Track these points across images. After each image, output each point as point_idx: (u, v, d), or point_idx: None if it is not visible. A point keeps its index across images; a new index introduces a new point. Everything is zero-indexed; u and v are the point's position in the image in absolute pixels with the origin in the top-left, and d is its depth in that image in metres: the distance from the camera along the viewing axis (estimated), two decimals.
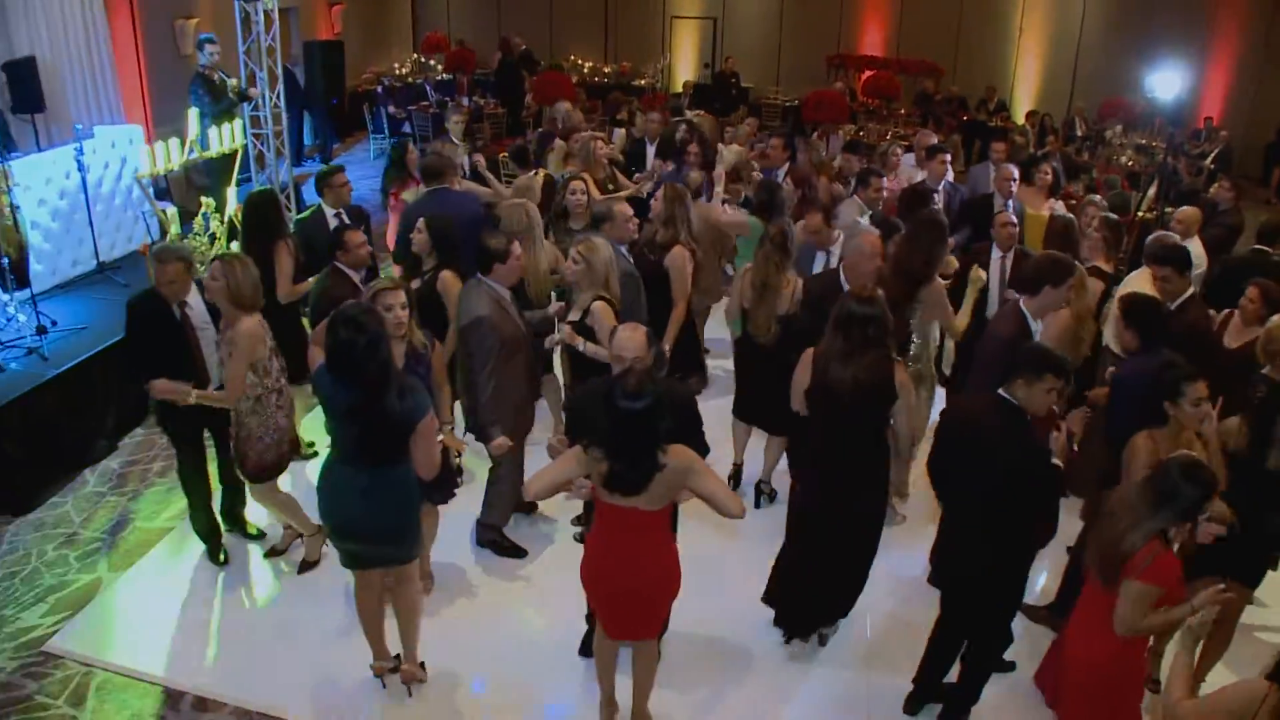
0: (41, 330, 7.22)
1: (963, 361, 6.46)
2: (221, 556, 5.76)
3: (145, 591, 5.57)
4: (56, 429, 6.71)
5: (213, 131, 7.94)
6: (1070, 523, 5.20)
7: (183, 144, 7.60)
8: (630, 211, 6.28)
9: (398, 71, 18.98)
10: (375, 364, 4.06)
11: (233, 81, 9.40)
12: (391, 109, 15.70)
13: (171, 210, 7.73)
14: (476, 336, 5.18)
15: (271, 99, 9.74)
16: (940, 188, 8.05)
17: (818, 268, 6.54)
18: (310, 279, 6.24)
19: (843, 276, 5.48)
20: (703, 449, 4.18)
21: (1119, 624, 3.57)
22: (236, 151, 8.27)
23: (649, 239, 6.58)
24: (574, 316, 5.39)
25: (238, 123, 8.26)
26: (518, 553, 5.86)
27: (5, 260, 7.18)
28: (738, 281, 6.16)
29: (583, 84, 18.16)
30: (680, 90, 18.33)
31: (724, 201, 7.61)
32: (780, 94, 17.26)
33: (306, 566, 5.68)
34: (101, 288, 8.35)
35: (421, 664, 4.87)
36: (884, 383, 4.48)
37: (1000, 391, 4.16)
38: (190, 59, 12.52)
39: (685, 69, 19.01)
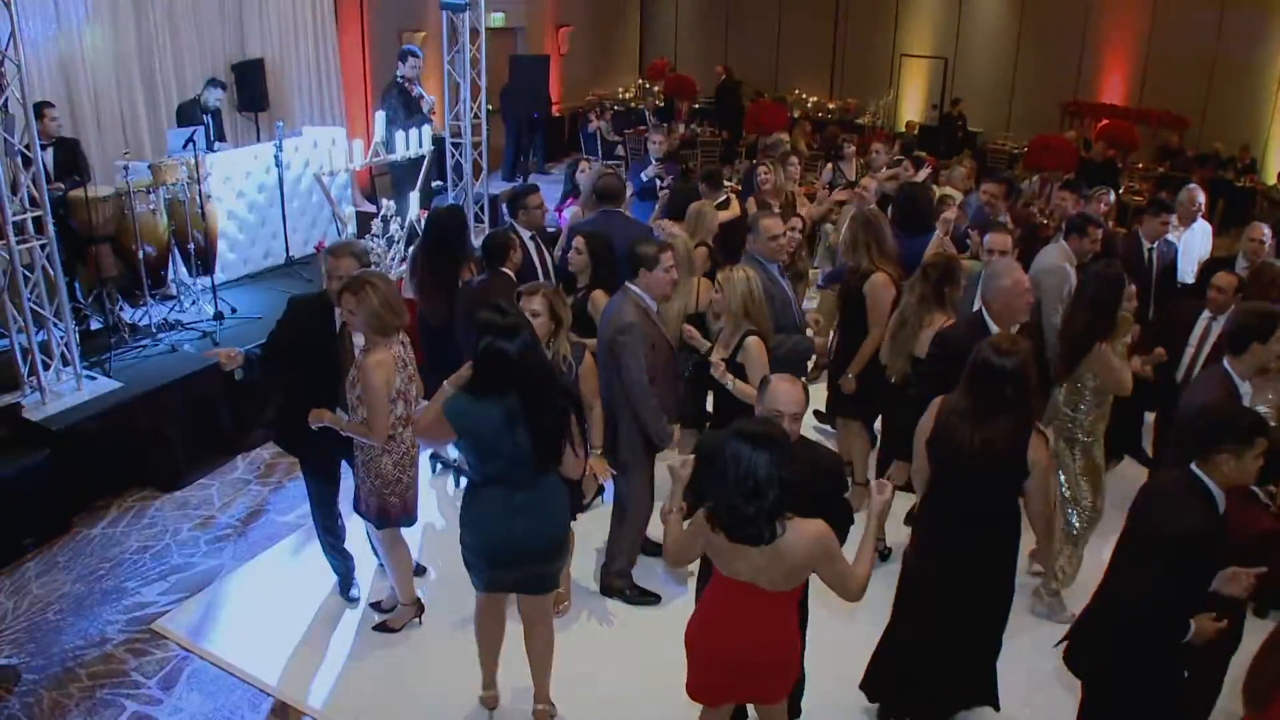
0: (219, 316, 7.48)
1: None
2: (354, 592, 5.42)
3: (259, 585, 5.56)
4: (217, 413, 6.88)
5: (399, 136, 8.02)
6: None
7: (365, 146, 7.70)
8: (779, 229, 5.84)
9: (621, 95, 19.17)
10: (536, 360, 3.91)
11: (430, 99, 9.57)
12: (591, 128, 15.79)
13: (350, 210, 7.85)
14: (630, 343, 4.88)
15: (472, 110, 9.85)
16: (1155, 246, 7.22)
17: None
18: None
19: (989, 320, 4.81)
20: (846, 518, 3.80)
21: None
22: (423, 158, 8.34)
23: (855, 265, 6.05)
24: (722, 354, 4.99)
25: (426, 129, 8.32)
26: (648, 599, 5.45)
27: (191, 246, 7.46)
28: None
29: (806, 118, 17.82)
30: (904, 129, 17.68)
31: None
32: (1009, 140, 16.34)
33: (384, 629, 5.15)
34: (286, 281, 8.59)
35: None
36: (1016, 453, 3.85)
37: (1192, 467, 3.51)
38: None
39: (912, 109, 18.31)
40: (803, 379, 3.96)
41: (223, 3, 10.80)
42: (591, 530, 5.43)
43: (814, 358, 6.93)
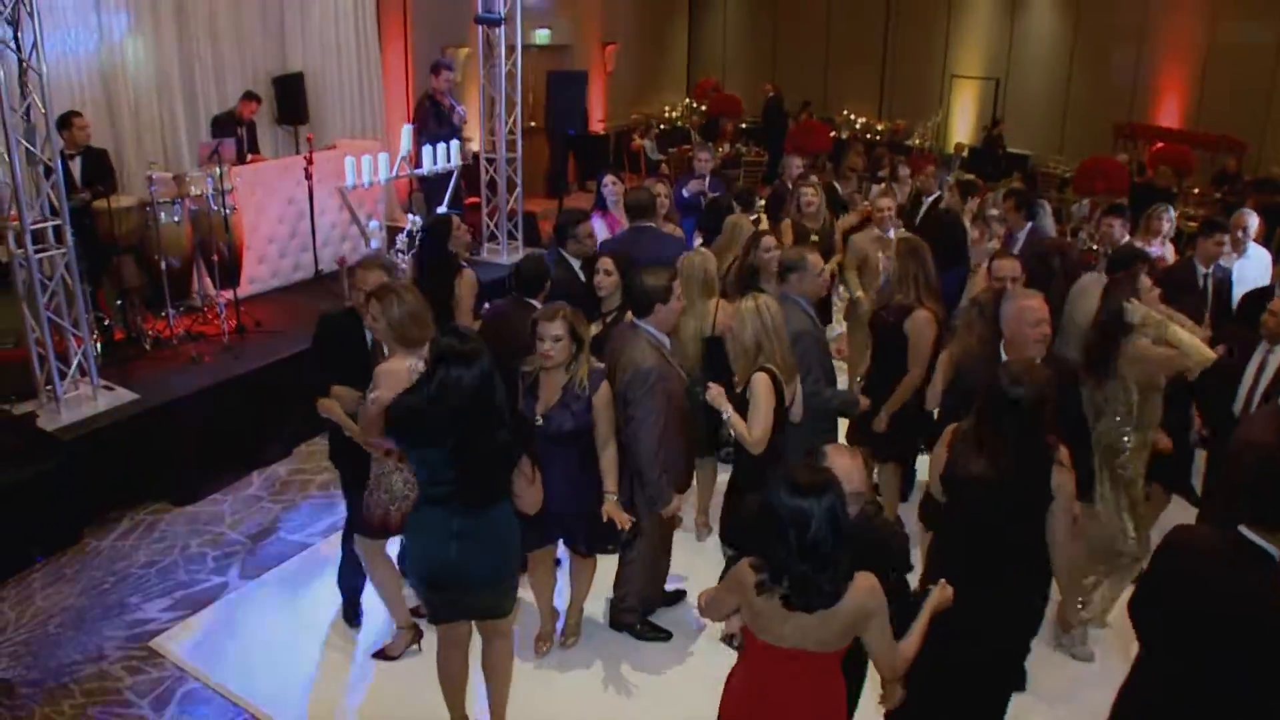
0: (241, 329, 7.42)
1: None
2: (359, 619, 5.29)
3: (262, 607, 5.45)
4: (233, 427, 6.81)
5: (426, 150, 7.95)
6: None
7: (390, 160, 7.63)
8: (822, 264, 5.55)
9: (666, 114, 19.07)
10: (479, 396, 3.67)
11: (461, 109, 9.50)
12: (635, 146, 15.72)
13: (374, 225, 7.78)
14: (644, 391, 4.54)
15: (507, 126, 9.78)
16: (1210, 271, 6.91)
17: None
18: None
19: (1002, 351, 4.55)
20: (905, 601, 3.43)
21: None
22: (451, 172, 8.26)
23: (886, 300, 5.82)
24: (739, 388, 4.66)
25: (454, 144, 8.24)
26: (659, 635, 5.21)
27: (215, 258, 7.42)
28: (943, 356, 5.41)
29: (857, 139, 17.63)
30: (952, 151, 17.37)
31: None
32: (1060, 163, 15.97)
33: (383, 655, 5.01)
34: (314, 295, 8.52)
35: None
36: (1028, 484, 3.58)
37: (1242, 529, 3.00)
38: (459, 86, 12.96)
39: (962, 130, 18.00)
40: None
41: (265, 16, 10.84)
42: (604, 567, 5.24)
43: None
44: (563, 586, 5.22)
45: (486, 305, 6.08)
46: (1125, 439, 4.92)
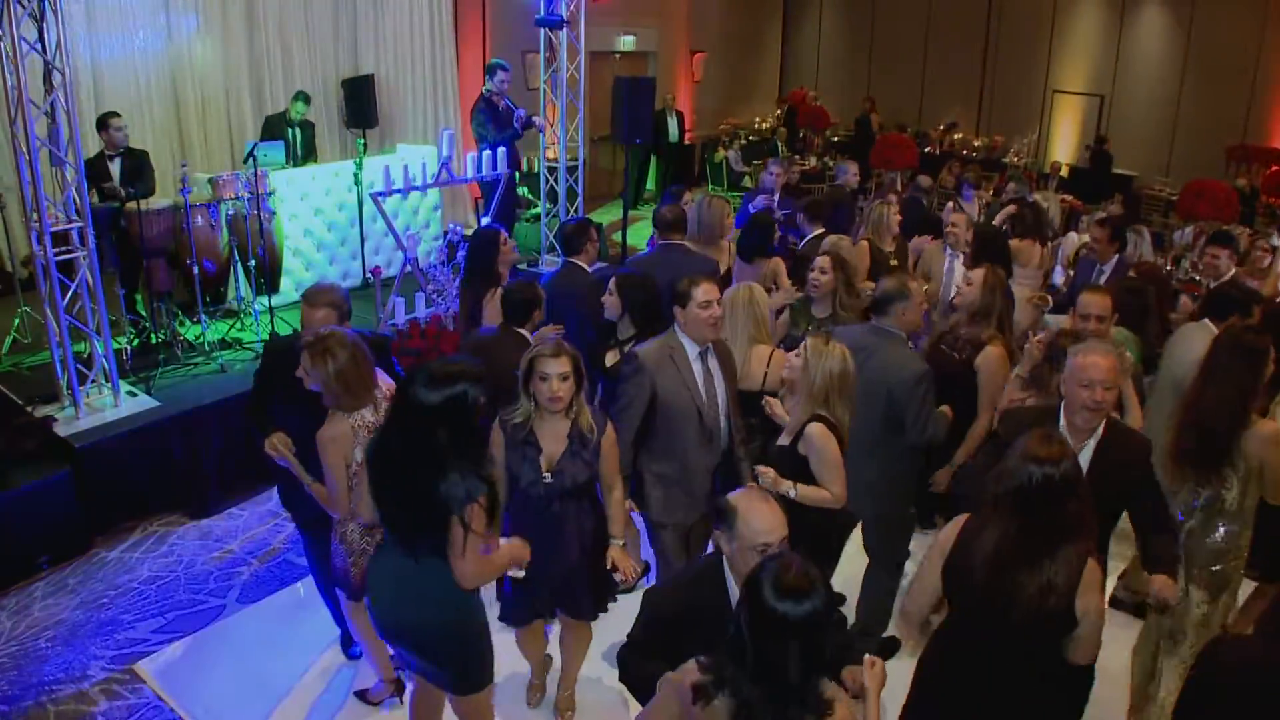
0: (273, 337, 7.24)
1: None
2: (355, 649, 4.96)
3: (254, 636, 5.18)
4: (256, 439, 6.61)
5: (470, 156, 7.69)
6: None
7: (432, 165, 7.38)
8: (922, 296, 4.85)
9: (756, 125, 18.65)
10: (449, 427, 3.21)
11: (521, 112, 9.22)
12: (719, 158, 15.36)
13: (413, 233, 7.56)
14: (622, 376, 4.28)
15: (568, 131, 9.50)
16: None
17: None
18: None
19: (1061, 412, 3.78)
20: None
21: None
22: (499, 179, 7.99)
23: (951, 332, 5.13)
24: (783, 440, 4.09)
25: (501, 151, 7.97)
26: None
27: (252, 263, 7.26)
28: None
29: (953, 155, 17.00)
30: (1048, 170, 16.57)
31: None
32: (1167, 186, 15.08)
33: (363, 698, 4.66)
34: (359, 304, 8.28)
35: None
36: (1052, 595, 2.89)
37: None
38: (538, 93, 12.75)
39: (1063, 148, 17.18)
40: None
41: (336, 18, 10.79)
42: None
43: None
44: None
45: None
46: (1235, 537, 4.15)
